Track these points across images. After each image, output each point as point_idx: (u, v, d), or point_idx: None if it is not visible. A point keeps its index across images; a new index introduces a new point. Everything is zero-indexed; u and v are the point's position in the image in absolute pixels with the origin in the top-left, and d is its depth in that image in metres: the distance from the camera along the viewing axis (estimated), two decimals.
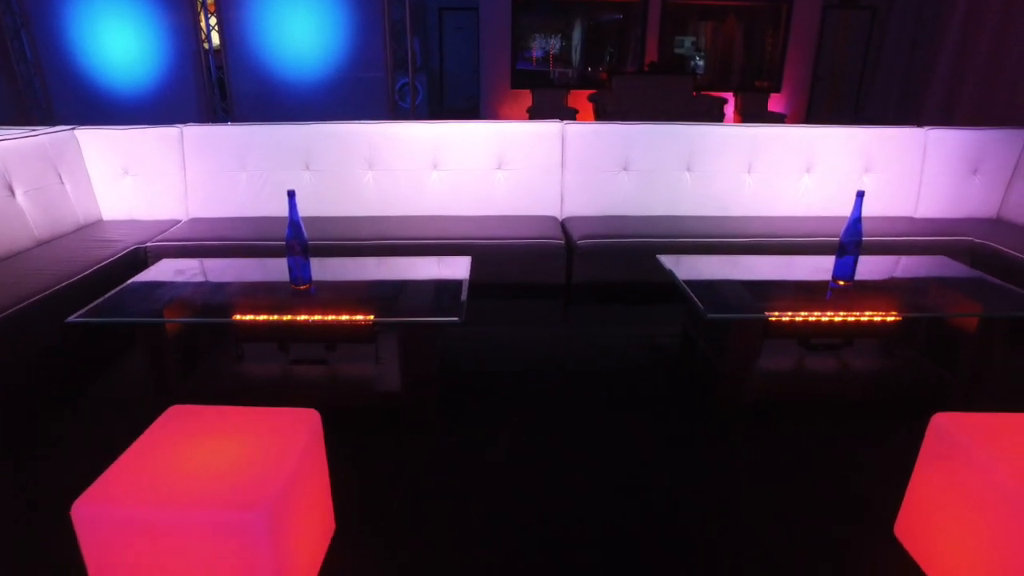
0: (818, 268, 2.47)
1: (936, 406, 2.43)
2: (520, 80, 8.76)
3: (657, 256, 2.58)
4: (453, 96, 11.34)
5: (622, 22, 8.90)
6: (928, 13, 8.18)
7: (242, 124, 3.35)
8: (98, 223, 3.34)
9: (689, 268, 2.58)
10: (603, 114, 8.11)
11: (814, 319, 2.17)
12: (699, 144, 3.36)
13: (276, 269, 2.38)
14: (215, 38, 6.97)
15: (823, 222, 3.31)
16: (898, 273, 2.63)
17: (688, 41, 9.22)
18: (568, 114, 8.35)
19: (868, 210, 3.51)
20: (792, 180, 3.43)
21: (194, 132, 3.34)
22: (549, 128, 3.33)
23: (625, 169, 3.36)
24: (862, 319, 2.26)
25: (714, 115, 8.18)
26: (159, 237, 3.06)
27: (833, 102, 9.58)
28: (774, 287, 2.48)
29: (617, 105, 8.20)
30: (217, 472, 1.38)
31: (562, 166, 3.35)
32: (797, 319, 2.18)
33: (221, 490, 1.33)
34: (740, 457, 2.06)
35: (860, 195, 2.27)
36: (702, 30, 9.39)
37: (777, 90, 8.72)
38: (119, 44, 6.71)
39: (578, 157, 3.34)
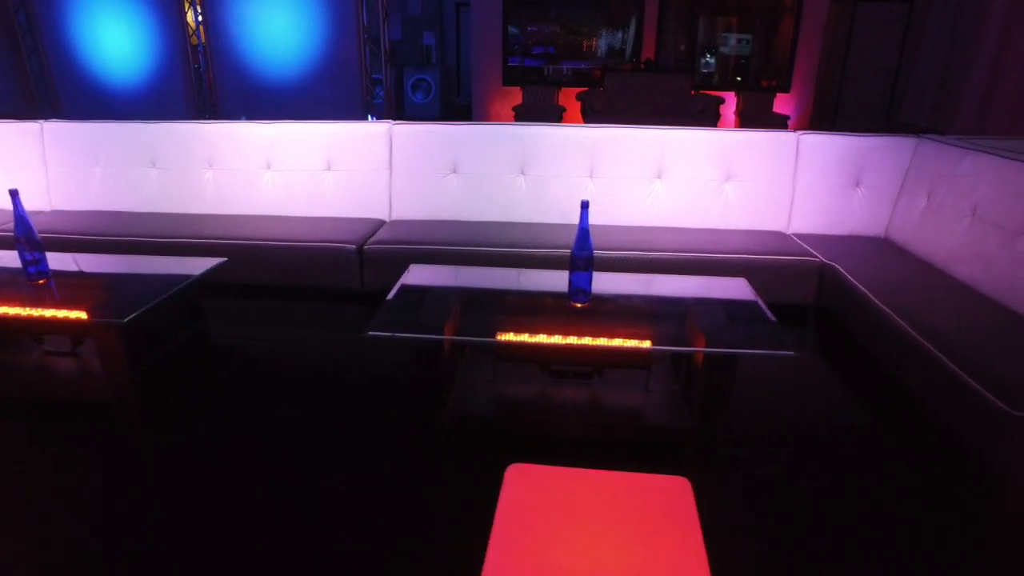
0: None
1: (668, 451, 2.18)
2: (513, 77, 8.57)
3: (411, 265, 2.45)
4: (468, 92, 11.29)
5: (616, 17, 8.54)
6: (967, 9, 7.36)
7: (94, 122, 3.46)
8: None
9: (431, 278, 2.43)
10: (590, 113, 7.81)
11: (520, 343, 1.96)
12: (535, 146, 3.15)
13: (56, 261, 2.41)
14: (203, 35, 7.26)
15: (670, 234, 3.03)
16: (664, 293, 2.36)
17: (733, 38, 8.68)
18: (555, 112, 8.12)
19: (732, 223, 3.20)
20: (640, 187, 3.16)
21: (53, 128, 3.48)
22: (377, 128, 3.23)
23: (454, 171, 3.21)
24: (594, 345, 2.02)
25: (710, 115, 7.71)
26: None
27: (856, 104, 8.82)
28: (504, 305, 2.27)
29: (608, 104, 7.88)
30: None
31: (390, 167, 3.24)
32: (508, 342, 1.99)
33: None
34: (407, 485, 1.94)
35: (584, 205, 2.05)
36: (719, 26, 8.87)
37: (785, 90, 8.09)
38: (115, 40, 7.13)
39: (406, 158, 3.21)
